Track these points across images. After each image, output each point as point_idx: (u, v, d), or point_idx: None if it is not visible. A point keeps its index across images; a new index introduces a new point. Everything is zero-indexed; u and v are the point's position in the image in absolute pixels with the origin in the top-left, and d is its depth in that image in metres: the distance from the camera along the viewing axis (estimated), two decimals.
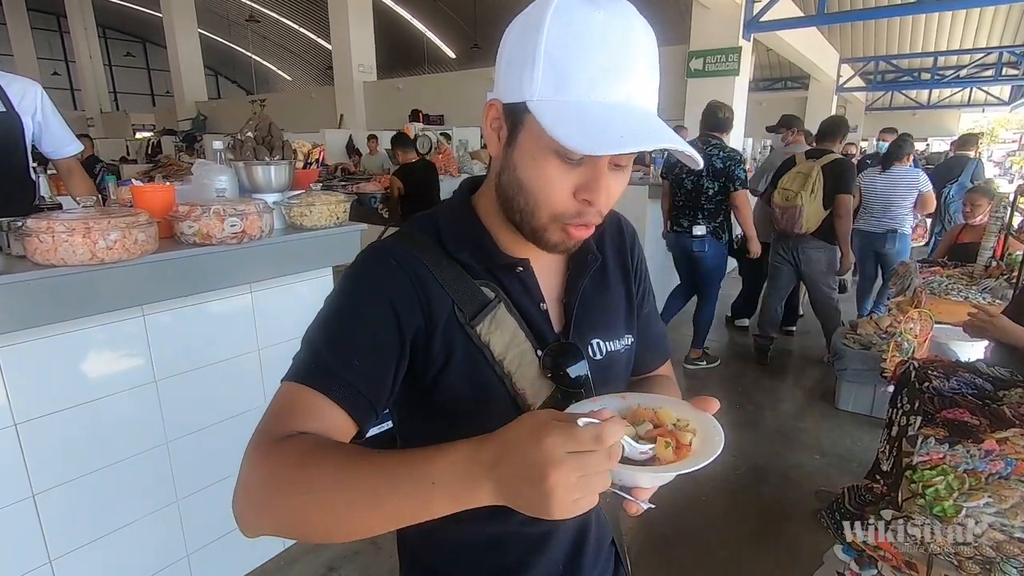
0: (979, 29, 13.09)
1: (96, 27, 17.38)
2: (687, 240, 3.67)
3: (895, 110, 17.38)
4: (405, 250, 0.66)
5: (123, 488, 1.66)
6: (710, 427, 0.57)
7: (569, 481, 0.41)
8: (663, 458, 0.54)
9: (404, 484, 0.47)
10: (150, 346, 1.65)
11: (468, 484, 0.46)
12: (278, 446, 0.54)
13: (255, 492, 0.53)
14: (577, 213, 0.60)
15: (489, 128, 0.63)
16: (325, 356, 0.60)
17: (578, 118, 0.53)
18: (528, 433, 0.43)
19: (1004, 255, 3.17)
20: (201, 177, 1.74)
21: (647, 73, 0.57)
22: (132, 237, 1.37)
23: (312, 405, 0.58)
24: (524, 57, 0.57)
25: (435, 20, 19.89)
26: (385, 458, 0.50)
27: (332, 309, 0.64)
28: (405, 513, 0.48)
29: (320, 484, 0.50)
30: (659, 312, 0.88)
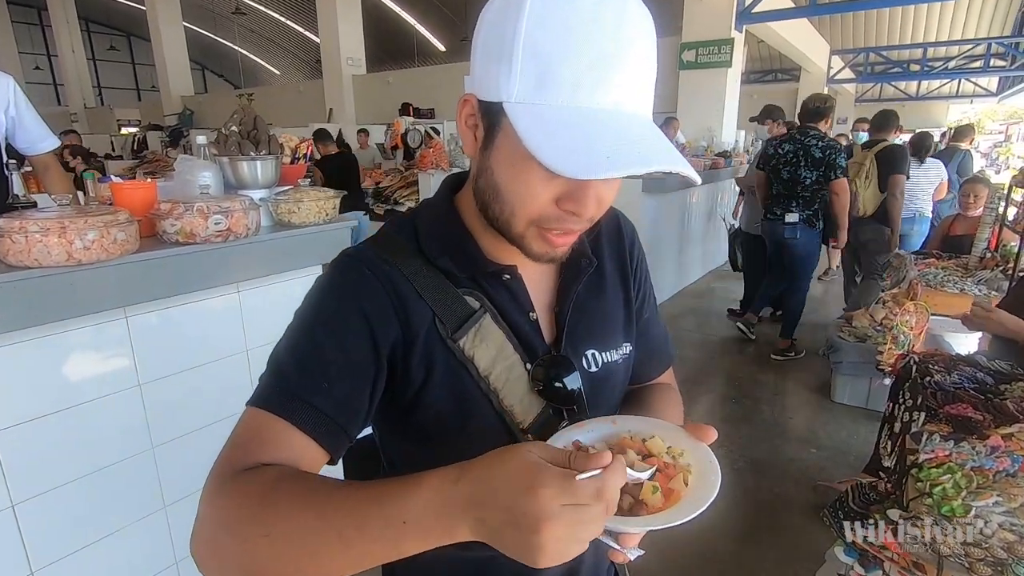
0: (967, 20, 13.12)
1: (79, 20, 17.07)
2: (780, 227, 3.79)
3: (884, 101, 17.40)
4: (379, 256, 0.61)
5: (107, 496, 1.61)
6: (705, 463, 0.51)
7: (561, 533, 0.38)
8: (651, 504, 0.48)
9: (372, 525, 0.43)
10: (133, 349, 1.59)
11: (443, 524, 0.42)
12: (236, 481, 0.49)
13: (212, 533, 0.48)
14: (558, 218, 0.53)
15: (464, 125, 0.57)
16: (291, 378, 0.55)
17: (559, 129, 0.47)
18: (518, 479, 0.39)
19: (999, 246, 3.17)
20: (184, 173, 1.68)
21: (642, 69, 0.50)
22: (111, 236, 1.31)
23: (277, 434, 0.52)
24: (502, 48, 0.49)
25: (424, 13, 19.68)
26: (351, 494, 0.46)
27: (299, 324, 0.59)
28: (376, 555, 0.44)
29: (281, 526, 0.45)
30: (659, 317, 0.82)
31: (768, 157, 3.84)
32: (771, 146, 3.86)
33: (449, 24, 19.70)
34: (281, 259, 1.82)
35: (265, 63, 28.04)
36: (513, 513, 0.38)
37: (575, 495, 0.38)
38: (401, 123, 7.22)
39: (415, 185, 5.78)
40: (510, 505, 0.38)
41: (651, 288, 0.79)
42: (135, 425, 1.64)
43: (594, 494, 0.38)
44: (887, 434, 1.70)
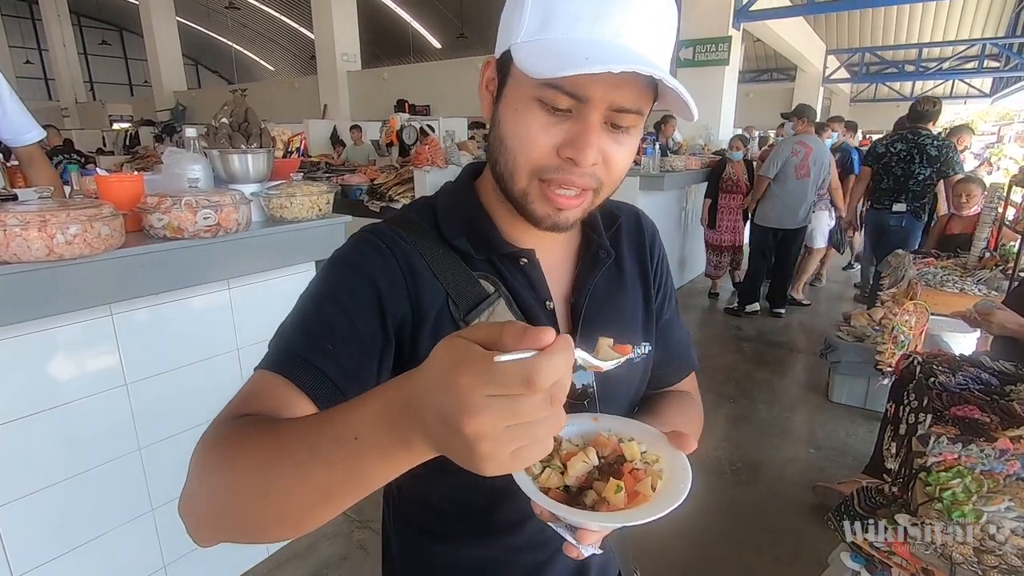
0: (962, 21, 13.17)
1: (70, 14, 16.86)
2: (887, 216, 4.12)
3: (879, 101, 17.49)
4: (397, 234, 0.60)
5: (93, 498, 1.56)
6: (679, 470, 0.50)
7: (495, 432, 0.31)
8: (612, 502, 0.46)
9: (325, 446, 0.37)
10: (120, 347, 1.55)
11: (396, 434, 0.35)
12: (217, 429, 0.46)
13: (190, 483, 0.45)
14: (558, 168, 0.52)
15: (484, 89, 0.57)
16: (295, 341, 0.53)
17: (551, 49, 0.48)
18: (441, 369, 0.32)
19: (998, 246, 3.15)
20: (172, 166, 1.63)
21: (644, 12, 0.49)
22: (95, 231, 1.26)
23: (275, 389, 0.50)
24: (516, 4, 0.52)
25: (421, 9, 19.58)
26: (307, 420, 0.42)
27: (310, 294, 0.57)
28: (337, 482, 0.37)
29: (242, 460, 0.42)
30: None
31: (879, 155, 4.13)
32: (882, 145, 4.17)
33: (445, 21, 19.61)
34: (273, 255, 1.77)
35: (259, 59, 27.85)
36: (439, 411, 0.32)
37: (498, 383, 0.30)
38: (396, 120, 7.15)
39: (410, 182, 5.72)
40: (435, 404, 0.32)
41: (673, 289, 0.76)
42: (121, 426, 1.59)
43: (523, 380, 0.30)
44: (891, 435, 1.68)
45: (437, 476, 0.64)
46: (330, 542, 2.12)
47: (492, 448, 0.32)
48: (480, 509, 0.65)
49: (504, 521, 0.65)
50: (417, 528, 0.69)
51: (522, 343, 0.31)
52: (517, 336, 0.32)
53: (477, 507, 0.65)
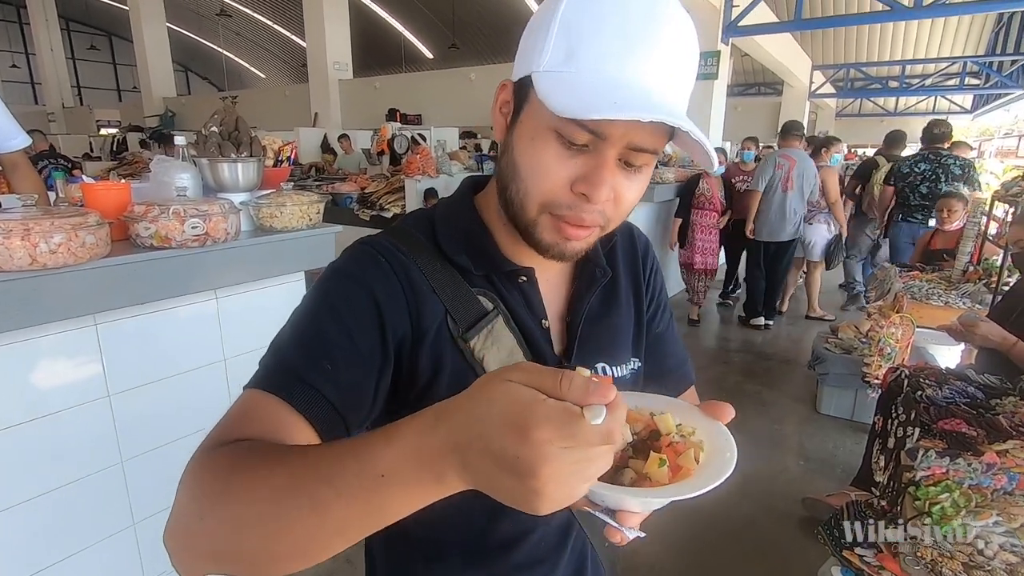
0: (943, 39, 13.48)
1: (58, 19, 16.71)
2: (921, 229, 4.36)
3: (864, 116, 17.82)
4: (395, 247, 0.58)
5: (73, 512, 1.52)
6: (720, 439, 0.47)
7: (563, 476, 0.32)
8: (655, 478, 0.43)
9: (347, 482, 0.37)
10: (103, 358, 1.52)
11: (426, 473, 0.35)
12: (210, 454, 0.44)
13: (180, 514, 0.43)
14: (570, 205, 0.51)
15: (498, 112, 0.56)
16: (291, 358, 0.51)
17: (576, 85, 0.47)
18: (508, 421, 0.33)
19: (981, 260, 3.21)
20: (160, 175, 1.61)
21: (671, 54, 0.49)
22: (79, 240, 1.24)
23: (269, 412, 0.48)
24: (540, 27, 0.51)
25: (413, 20, 19.68)
26: (326, 450, 0.40)
27: (306, 308, 0.55)
28: (355, 521, 0.37)
29: (248, 494, 0.39)
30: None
31: (904, 175, 4.45)
32: (907, 165, 4.48)
33: (437, 32, 19.71)
34: (262, 265, 1.76)
35: (250, 66, 27.79)
36: (505, 458, 0.33)
37: (578, 438, 0.32)
38: (388, 128, 7.16)
39: (401, 191, 5.72)
40: (500, 450, 0.33)
41: (667, 301, 0.75)
42: (104, 438, 1.56)
43: (600, 437, 0.32)
44: (879, 449, 1.68)
45: None
46: None
47: (556, 491, 0.33)
48: (477, 526, 0.64)
49: (502, 538, 0.64)
50: (407, 545, 0.67)
51: (588, 398, 0.33)
52: (583, 391, 0.33)
53: (474, 524, 0.64)
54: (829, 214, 4.77)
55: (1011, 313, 2.06)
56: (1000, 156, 12.97)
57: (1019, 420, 1.50)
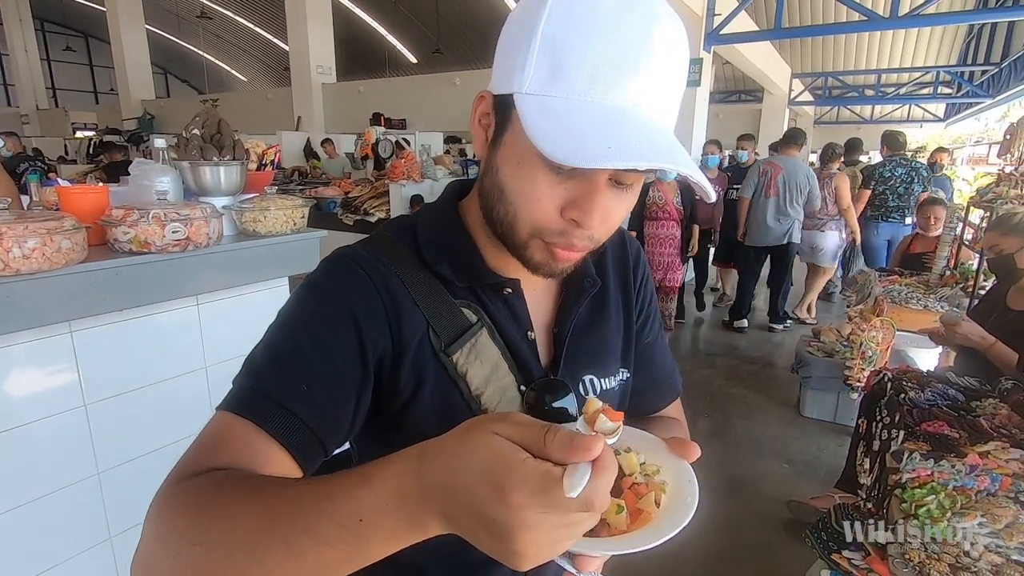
0: (917, 49, 13.82)
1: (33, 19, 16.36)
2: (902, 228, 4.79)
3: (842, 124, 18.15)
4: (375, 257, 0.56)
5: (47, 526, 1.47)
6: (683, 481, 0.46)
7: (542, 540, 0.32)
8: (614, 524, 0.43)
9: (324, 527, 0.35)
10: (79, 366, 1.47)
11: (406, 519, 0.35)
12: (180, 486, 0.42)
13: (146, 549, 0.40)
14: (561, 232, 0.50)
15: (477, 124, 0.53)
16: (265, 379, 0.49)
17: (565, 119, 0.44)
18: (486, 477, 0.32)
19: (958, 264, 3.28)
20: (139, 178, 1.57)
21: (665, 76, 0.46)
22: (54, 244, 1.20)
23: (242, 437, 0.46)
24: (521, 40, 0.47)
25: (396, 24, 19.63)
26: (300, 491, 0.39)
27: (281, 324, 0.53)
28: (334, 562, 0.36)
29: (218, 533, 0.38)
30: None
31: (885, 179, 4.79)
32: (887, 170, 4.81)
33: (421, 36, 19.68)
34: (245, 271, 1.72)
35: (231, 69, 27.48)
36: (483, 518, 0.32)
37: (556, 506, 0.31)
38: (372, 133, 7.12)
39: (386, 196, 5.68)
40: (479, 509, 0.32)
41: (656, 312, 0.74)
42: (79, 449, 1.51)
43: (582, 506, 0.31)
44: (863, 451, 1.70)
45: None
46: None
47: (537, 553, 0.33)
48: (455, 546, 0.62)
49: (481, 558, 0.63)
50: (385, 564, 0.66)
51: (572, 456, 0.31)
52: (565, 447, 0.31)
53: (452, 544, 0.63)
54: (840, 221, 4.77)
55: (988, 316, 2.11)
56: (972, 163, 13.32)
57: (999, 422, 1.53)
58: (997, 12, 7.82)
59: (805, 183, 4.50)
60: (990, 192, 2.96)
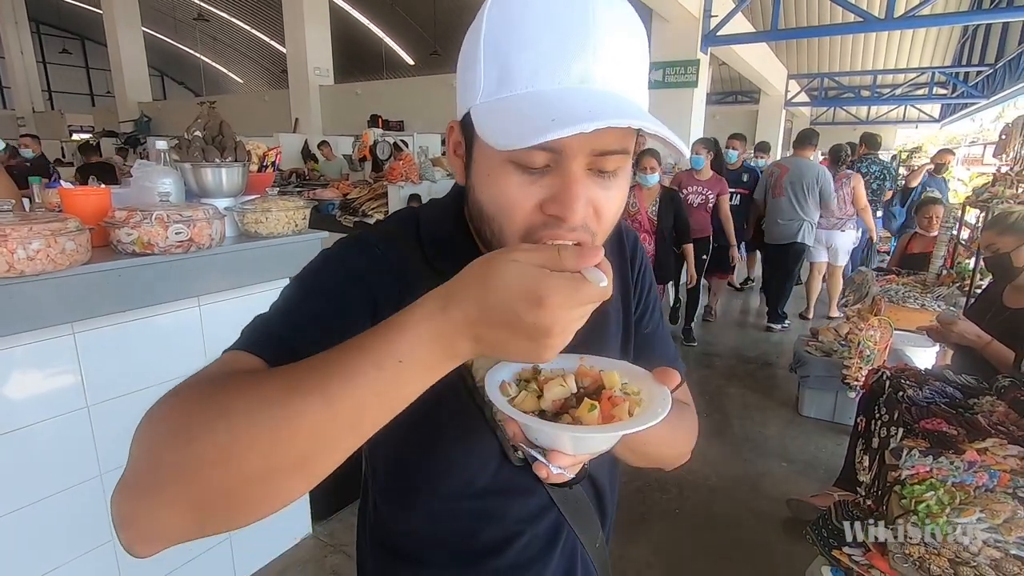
0: (912, 50, 13.89)
1: (29, 21, 16.35)
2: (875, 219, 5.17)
3: (837, 125, 18.22)
4: (387, 245, 0.58)
5: (51, 527, 1.48)
6: (658, 397, 0.48)
7: (569, 329, 0.39)
8: (586, 422, 0.46)
9: (363, 371, 0.37)
10: (81, 367, 1.47)
11: (442, 351, 0.39)
12: (173, 395, 0.41)
13: (145, 461, 0.38)
14: (545, 224, 0.48)
15: (454, 155, 0.54)
16: (275, 325, 0.50)
17: (512, 111, 0.44)
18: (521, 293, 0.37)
19: (954, 264, 3.30)
20: (142, 180, 1.57)
21: (613, 47, 0.45)
22: (58, 246, 1.21)
23: (244, 365, 0.46)
24: (469, 57, 0.48)
25: (393, 26, 19.63)
26: (325, 354, 0.40)
27: (296, 288, 0.54)
28: (370, 405, 0.38)
29: (241, 402, 0.37)
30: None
31: (862, 174, 4.96)
32: (863, 167, 5.16)
33: (418, 38, 19.70)
34: (247, 272, 1.73)
35: (228, 71, 27.43)
36: (521, 325, 0.37)
37: (585, 299, 0.38)
38: (370, 135, 7.12)
39: (384, 197, 5.68)
40: (516, 319, 0.37)
41: (656, 300, 0.75)
42: (81, 450, 1.51)
43: (600, 294, 0.38)
44: (862, 449, 1.71)
45: (419, 501, 0.62)
46: (302, 568, 2.05)
47: (562, 342, 0.39)
48: (462, 533, 0.64)
49: (487, 545, 0.64)
50: (394, 552, 0.67)
51: (585, 262, 0.38)
52: (577, 257, 0.38)
53: (459, 531, 0.64)
54: (857, 220, 4.79)
55: (985, 314, 2.13)
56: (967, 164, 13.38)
57: (997, 419, 1.54)
58: (991, 13, 7.87)
59: (813, 183, 4.48)
60: (986, 192, 2.98)
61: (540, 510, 0.65)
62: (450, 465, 0.61)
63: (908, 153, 10.54)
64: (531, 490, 0.63)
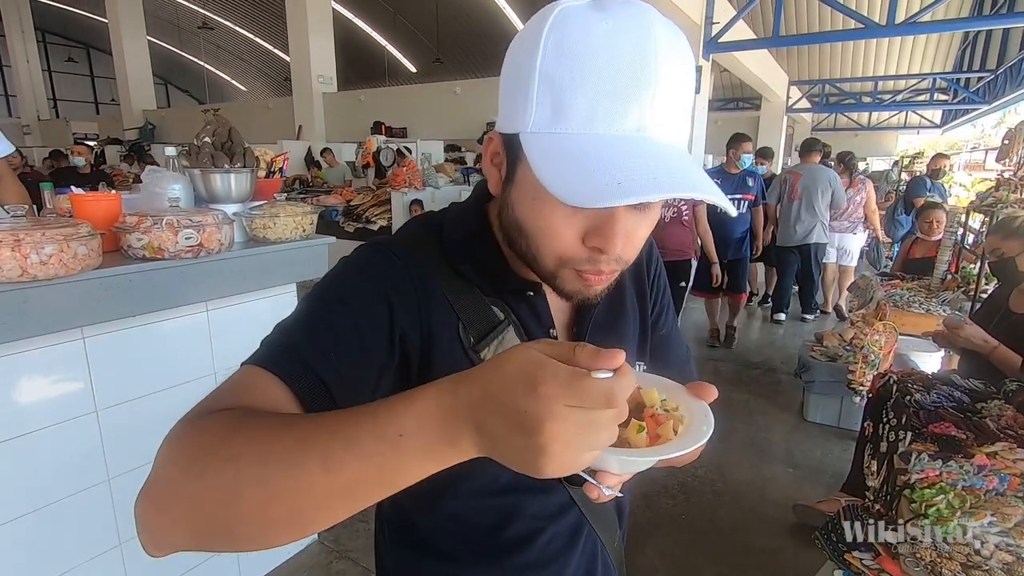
0: (913, 57, 13.92)
1: (35, 30, 16.47)
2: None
3: (839, 131, 18.26)
4: (411, 250, 0.58)
5: (59, 532, 1.48)
6: (699, 414, 0.49)
7: (568, 437, 0.34)
8: (634, 444, 0.46)
9: (364, 440, 0.37)
10: (91, 372, 1.48)
11: (444, 435, 0.37)
12: (199, 421, 0.43)
13: (163, 479, 0.41)
14: (588, 260, 0.50)
15: (490, 163, 0.55)
16: (295, 340, 0.51)
17: (571, 158, 0.44)
18: (518, 376, 0.35)
19: (959, 269, 3.30)
20: (152, 185, 1.59)
21: (669, 95, 0.46)
22: (71, 251, 1.22)
23: (265, 390, 0.47)
24: (519, 80, 0.48)
25: (396, 35, 19.77)
26: (339, 413, 0.40)
27: (315, 297, 0.55)
28: (368, 479, 0.37)
29: (250, 451, 0.38)
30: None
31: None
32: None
33: (421, 47, 19.82)
34: (255, 277, 1.74)
35: (232, 79, 27.63)
36: (514, 414, 0.34)
37: (582, 396, 0.34)
38: (373, 141, 7.16)
39: (387, 203, 5.71)
40: (510, 405, 0.34)
41: (670, 303, 0.76)
42: (90, 455, 1.52)
43: (603, 397, 0.34)
44: (870, 454, 1.71)
45: (445, 496, 0.62)
46: (307, 573, 2.04)
47: (561, 451, 0.34)
48: (487, 528, 0.64)
49: (512, 539, 0.64)
50: (416, 548, 0.67)
51: (597, 363, 0.35)
52: (591, 357, 0.35)
53: (484, 526, 0.64)
54: (865, 223, 5.19)
55: (991, 319, 2.12)
56: (968, 169, 13.38)
57: (1005, 423, 1.54)
58: (992, 19, 7.89)
59: (827, 187, 4.79)
60: (990, 197, 2.98)
61: (560, 508, 0.66)
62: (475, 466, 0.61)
63: (910, 159, 10.54)
64: (550, 487, 0.64)
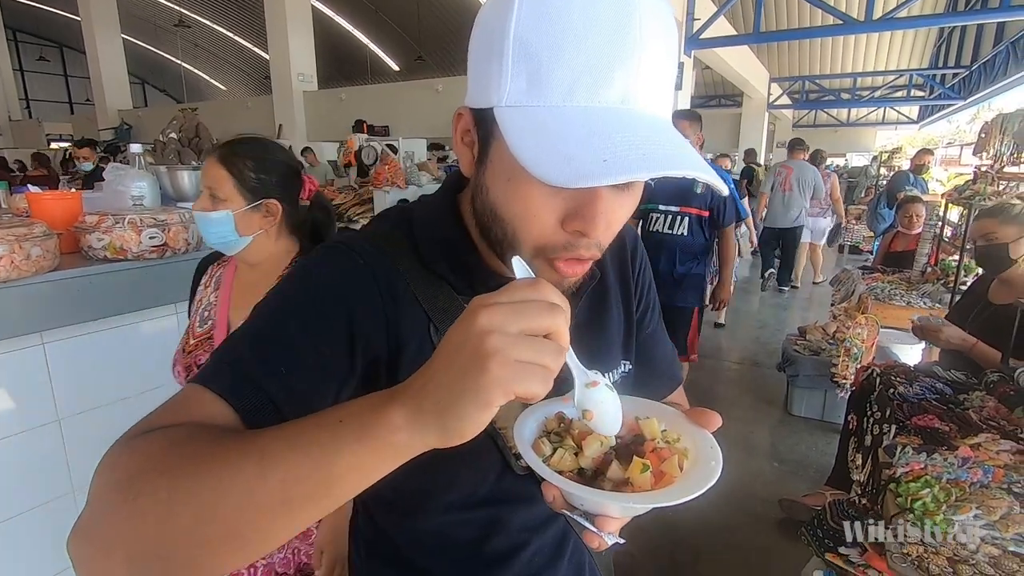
0: (890, 53, 14.15)
1: (5, 29, 16.03)
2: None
3: (819, 127, 18.50)
4: (378, 250, 0.53)
5: (21, 547, 1.41)
6: (705, 447, 0.46)
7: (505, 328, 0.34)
8: (637, 484, 0.42)
9: (305, 432, 0.37)
10: (52, 379, 1.42)
11: (379, 410, 0.36)
12: (134, 441, 0.40)
13: (96, 506, 0.38)
14: (565, 245, 0.46)
15: (460, 143, 0.50)
16: (244, 358, 0.47)
17: (551, 133, 0.40)
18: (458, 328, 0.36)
19: (938, 262, 3.33)
20: (114, 183, 1.52)
21: (655, 63, 0.42)
22: (24, 252, 1.15)
23: (208, 410, 0.43)
24: (491, 48, 0.43)
25: (378, 32, 19.59)
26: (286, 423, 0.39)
27: (267, 306, 0.51)
28: (302, 476, 0.35)
29: (185, 464, 0.37)
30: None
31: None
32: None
33: (403, 44, 19.67)
34: None
35: (210, 78, 27.20)
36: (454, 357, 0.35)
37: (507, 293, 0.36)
38: (355, 140, 7.06)
39: (370, 203, 5.62)
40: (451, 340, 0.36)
41: (655, 300, 0.72)
42: (53, 466, 1.45)
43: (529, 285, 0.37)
44: (855, 447, 1.70)
45: (422, 510, 0.59)
46: None
47: (500, 343, 0.33)
48: (468, 543, 0.60)
49: (494, 554, 0.61)
50: (394, 565, 0.63)
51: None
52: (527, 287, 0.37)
53: (465, 540, 0.60)
54: (830, 209, 6.37)
55: (970, 311, 2.13)
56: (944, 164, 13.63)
57: (987, 414, 1.54)
58: (966, 15, 8.03)
59: (811, 180, 5.81)
60: (968, 189, 3.01)
61: (546, 518, 0.62)
62: (451, 479, 0.57)
63: (888, 154, 10.72)
64: (535, 498, 0.60)
